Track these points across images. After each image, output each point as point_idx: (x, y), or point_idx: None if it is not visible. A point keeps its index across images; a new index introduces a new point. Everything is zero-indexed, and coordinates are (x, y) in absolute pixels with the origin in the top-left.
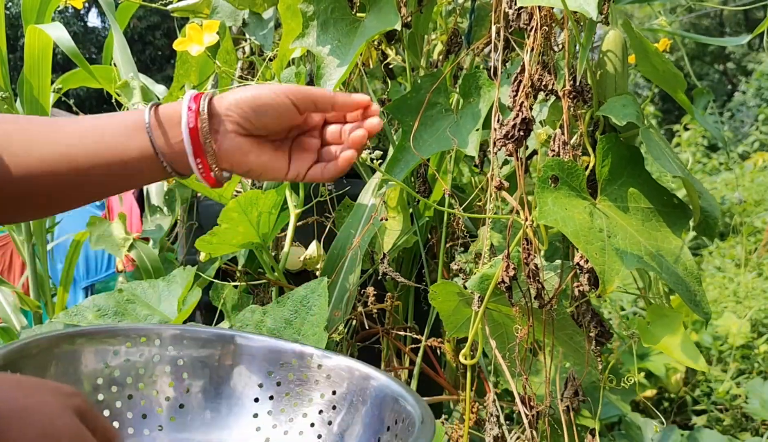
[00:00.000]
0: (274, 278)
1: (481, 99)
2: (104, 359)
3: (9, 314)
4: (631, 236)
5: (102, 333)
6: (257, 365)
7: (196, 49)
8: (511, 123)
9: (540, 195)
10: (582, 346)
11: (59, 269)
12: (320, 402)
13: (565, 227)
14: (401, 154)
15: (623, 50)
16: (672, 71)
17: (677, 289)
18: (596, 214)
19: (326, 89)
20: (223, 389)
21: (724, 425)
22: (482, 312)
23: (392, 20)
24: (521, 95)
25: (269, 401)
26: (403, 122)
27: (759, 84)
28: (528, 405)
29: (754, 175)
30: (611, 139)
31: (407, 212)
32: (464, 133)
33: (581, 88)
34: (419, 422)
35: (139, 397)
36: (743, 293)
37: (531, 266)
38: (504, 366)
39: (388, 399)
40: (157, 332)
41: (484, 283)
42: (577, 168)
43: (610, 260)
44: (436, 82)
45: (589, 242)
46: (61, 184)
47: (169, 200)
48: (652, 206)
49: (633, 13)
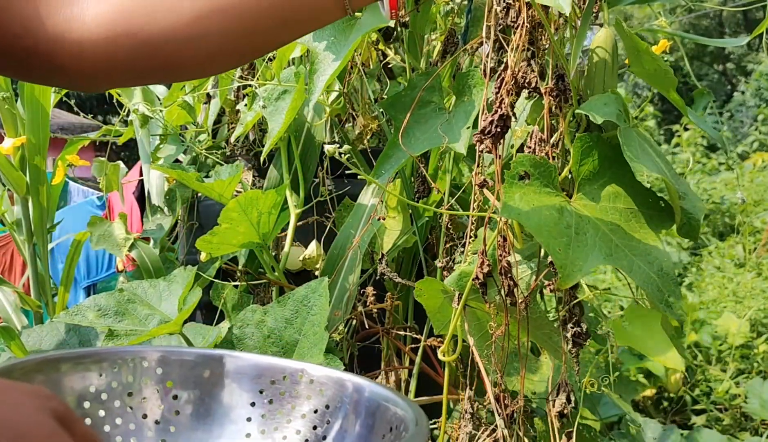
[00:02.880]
0: (275, 278)
1: (474, 97)
2: (90, 383)
3: (10, 314)
4: (602, 234)
5: (88, 356)
6: (247, 383)
7: None
8: (488, 119)
9: (507, 190)
10: (560, 345)
11: (60, 268)
12: (313, 417)
13: (528, 221)
14: (392, 151)
15: (613, 48)
16: (663, 70)
17: (646, 288)
18: (566, 211)
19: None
20: (213, 410)
21: (723, 425)
22: (461, 309)
23: (387, 17)
24: (503, 92)
25: (261, 419)
26: (396, 119)
27: (758, 84)
28: (502, 404)
29: (754, 175)
30: (592, 138)
31: (407, 212)
32: (456, 130)
33: (564, 86)
34: (413, 425)
35: (128, 420)
36: (743, 292)
37: (503, 263)
38: (480, 364)
39: (381, 408)
40: (144, 355)
41: (462, 280)
42: (549, 165)
43: (574, 256)
44: (429, 80)
45: (553, 236)
46: (235, 29)
47: (170, 200)
48: (634, 207)
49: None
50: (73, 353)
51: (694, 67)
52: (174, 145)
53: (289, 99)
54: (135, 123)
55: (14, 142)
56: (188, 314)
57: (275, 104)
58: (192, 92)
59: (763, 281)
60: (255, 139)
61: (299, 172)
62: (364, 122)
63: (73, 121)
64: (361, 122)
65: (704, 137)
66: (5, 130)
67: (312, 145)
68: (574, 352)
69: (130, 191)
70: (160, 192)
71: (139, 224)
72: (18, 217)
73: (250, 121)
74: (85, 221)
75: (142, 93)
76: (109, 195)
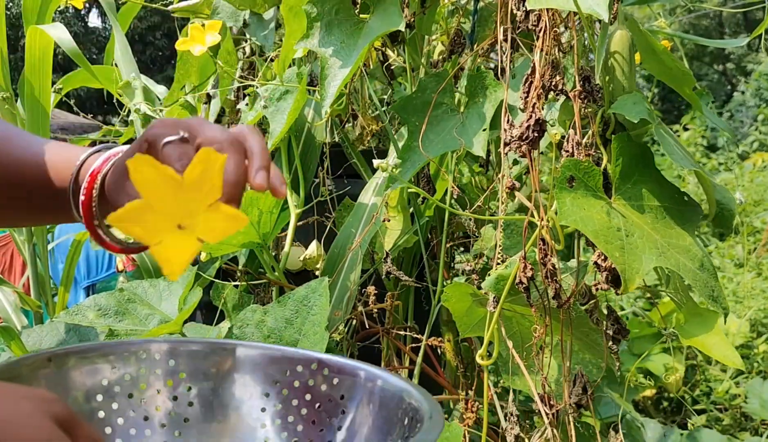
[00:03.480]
0: (275, 278)
1: (487, 99)
2: (102, 376)
3: (10, 314)
4: (647, 234)
5: (96, 350)
6: (262, 374)
7: (199, 49)
8: (525, 125)
9: (559, 196)
10: (598, 343)
11: (60, 268)
12: (328, 408)
13: (585, 227)
14: (408, 155)
15: (630, 50)
16: (681, 69)
17: (695, 285)
18: (613, 213)
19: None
20: (228, 401)
21: (723, 425)
22: (498, 312)
23: (396, 21)
24: (533, 96)
25: (276, 410)
26: (408, 122)
27: (758, 84)
28: (548, 404)
29: (754, 175)
30: (623, 138)
31: (408, 212)
32: (470, 133)
33: (591, 88)
34: (427, 417)
35: (141, 413)
36: (743, 292)
37: (549, 267)
38: (522, 365)
39: (395, 398)
40: (156, 346)
41: (499, 284)
42: (593, 168)
43: (630, 259)
44: (443, 83)
45: (608, 241)
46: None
47: None
48: (665, 204)
49: (633, 13)
50: (80, 347)
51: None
52: None
53: (291, 99)
54: (135, 123)
55: None
56: (188, 313)
57: (277, 104)
58: (192, 92)
59: (763, 281)
60: None
61: (299, 172)
62: (364, 122)
63: (73, 121)
64: (361, 122)
65: (704, 137)
66: None
67: (312, 145)
68: (614, 348)
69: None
70: None
71: None
72: None
73: (250, 121)
74: None
75: (143, 93)
76: None
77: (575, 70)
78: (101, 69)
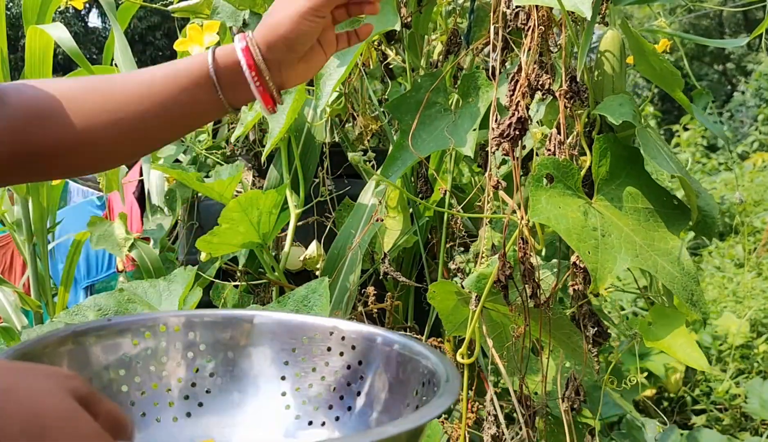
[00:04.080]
0: (275, 278)
1: (480, 99)
2: (122, 351)
3: (10, 314)
4: (626, 235)
5: (115, 326)
6: (280, 342)
7: (197, 49)
8: (506, 122)
9: (534, 193)
10: (580, 345)
11: (60, 268)
12: (347, 374)
13: (558, 225)
14: (399, 153)
15: (621, 50)
16: (669, 70)
17: (673, 288)
18: (591, 213)
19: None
20: (246, 370)
21: (723, 425)
22: (479, 311)
23: (392, 20)
24: (518, 94)
25: (295, 378)
26: (401, 121)
27: (758, 84)
28: (524, 404)
29: (754, 175)
30: (608, 139)
31: (407, 212)
32: (462, 132)
33: (578, 88)
34: (443, 380)
35: (164, 386)
36: (743, 292)
37: (526, 265)
38: (501, 365)
39: (413, 362)
40: (175, 320)
41: (480, 282)
42: (572, 167)
43: (603, 259)
44: (436, 82)
45: (582, 239)
46: (124, 135)
47: (170, 200)
48: (651, 206)
49: (633, 13)
50: (100, 323)
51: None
52: (174, 145)
53: (290, 100)
54: None
55: None
56: None
57: None
58: None
59: (763, 281)
60: (255, 139)
61: (299, 172)
62: (364, 122)
63: None
64: (361, 122)
65: (704, 137)
66: None
67: (312, 145)
68: (594, 351)
69: (130, 191)
70: (160, 192)
71: (139, 224)
72: (18, 218)
73: (250, 121)
74: (85, 220)
75: None
76: (109, 195)
77: (563, 69)
78: (101, 69)
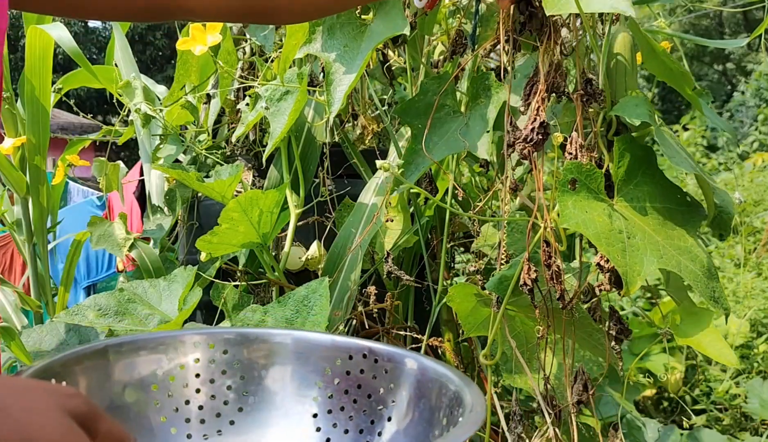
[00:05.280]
0: (275, 278)
1: (490, 101)
2: (150, 369)
3: (10, 314)
4: (649, 236)
5: (140, 342)
6: (314, 363)
7: (200, 49)
8: (529, 127)
9: (561, 199)
10: (600, 343)
11: (60, 268)
12: (379, 398)
13: (587, 230)
14: (413, 158)
15: (632, 51)
16: (679, 70)
17: (697, 286)
18: (615, 215)
19: None
20: (279, 390)
21: (723, 425)
22: (501, 313)
23: (400, 25)
24: (537, 99)
25: (329, 399)
26: (412, 126)
27: (758, 84)
28: (551, 403)
29: (754, 175)
30: (627, 140)
31: (408, 212)
32: (474, 135)
33: (593, 90)
34: (468, 410)
35: (195, 403)
36: (742, 292)
37: (554, 268)
38: (525, 365)
39: (442, 388)
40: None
41: (502, 284)
42: (594, 170)
43: (632, 261)
44: (444, 85)
45: (610, 243)
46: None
47: (170, 200)
48: (667, 205)
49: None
50: (122, 340)
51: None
52: (174, 145)
53: (292, 100)
54: (135, 123)
55: (14, 142)
56: (188, 314)
57: (278, 105)
58: (192, 92)
59: (763, 281)
60: (255, 140)
61: (299, 172)
62: (364, 122)
63: (73, 121)
64: (362, 123)
65: (704, 137)
66: (5, 130)
67: (312, 145)
68: (617, 348)
69: (130, 191)
70: (160, 192)
71: (139, 224)
72: (18, 218)
73: (251, 121)
74: (85, 221)
75: (143, 93)
76: (109, 195)
77: (577, 72)
78: (101, 69)
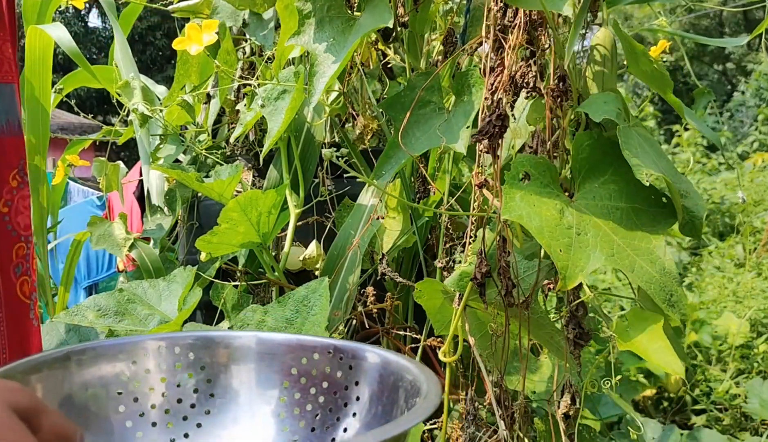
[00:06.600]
0: (275, 278)
1: (473, 97)
2: (113, 374)
3: None
4: (604, 234)
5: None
6: (279, 363)
7: (195, 48)
8: (486, 119)
9: (507, 191)
10: (562, 346)
11: (60, 268)
12: (344, 394)
13: (530, 223)
14: (392, 152)
15: (612, 49)
16: (659, 71)
17: (648, 288)
18: (567, 211)
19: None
20: (246, 390)
21: (723, 425)
22: (461, 309)
23: (385, 17)
24: (499, 91)
25: (295, 398)
26: (395, 120)
27: (758, 84)
28: (503, 405)
29: (754, 175)
30: (591, 136)
31: (407, 212)
32: (454, 130)
33: (566, 87)
34: (423, 398)
35: (162, 407)
36: (743, 292)
37: (502, 263)
38: (482, 364)
39: (401, 379)
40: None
41: (462, 280)
42: (550, 165)
43: (576, 257)
44: (428, 80)
45: (554, 238)
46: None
47: (170, 200)
48: (635, 205)
49: (633, 13)
50: (85, 346)
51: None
52: (174, 145)
53: (288, 99)
54: (135, 123)
55: None
56: (188, 314)
57: (274, 104)
58: (192, 92)
59: (763, 281)
60: (255, 139)
61: (299, 172)
62: (364, 122)
63: (73, 121)
64: (361, 122)
65: (704, 137)
66: None
67: (312, 145)
68: (576, 353)
69: (130, 191)
70: (160, 192)
71: (139, 224)
72: None
73: (249, 121)
74: (85, 221)
75: (142, 93)
76: (109, 195)
77: (551, 67)
78: (101, 69)
